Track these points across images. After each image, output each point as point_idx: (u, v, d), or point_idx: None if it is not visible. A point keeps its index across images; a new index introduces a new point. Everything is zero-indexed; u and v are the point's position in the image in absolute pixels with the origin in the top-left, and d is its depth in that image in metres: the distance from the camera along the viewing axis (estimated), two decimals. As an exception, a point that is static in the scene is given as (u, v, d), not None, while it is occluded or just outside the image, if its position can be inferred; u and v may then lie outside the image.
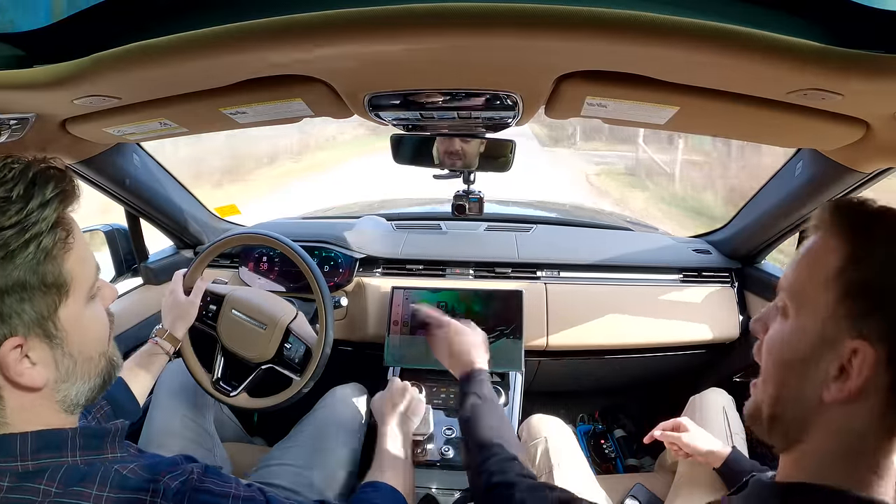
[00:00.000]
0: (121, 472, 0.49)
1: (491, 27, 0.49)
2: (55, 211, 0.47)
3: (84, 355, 0.51)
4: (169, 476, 0.50)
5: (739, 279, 1.38)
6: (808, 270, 0.45)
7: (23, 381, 0.46)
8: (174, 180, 1.35)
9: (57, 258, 0.47)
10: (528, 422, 1.16)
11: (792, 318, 0.46)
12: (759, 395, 0.48)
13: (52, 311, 0.47)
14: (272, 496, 0.57)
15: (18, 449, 0.47)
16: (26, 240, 0.44)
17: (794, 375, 0.45)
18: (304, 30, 0.49)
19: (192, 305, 1.07)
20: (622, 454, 1.58)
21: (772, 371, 0.47)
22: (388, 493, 0.79)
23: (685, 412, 1.15)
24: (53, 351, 0.48)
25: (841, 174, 0.89)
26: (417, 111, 0.85)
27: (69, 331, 0.49)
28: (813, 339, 0.43)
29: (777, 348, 0.46)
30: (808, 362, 0.43)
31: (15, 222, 0.44)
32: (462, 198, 1.24)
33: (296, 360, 1.10)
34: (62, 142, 0.86)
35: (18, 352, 0.46)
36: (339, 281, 1.35)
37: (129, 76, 0.58)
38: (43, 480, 0.47)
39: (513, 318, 1.24)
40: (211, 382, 1.11)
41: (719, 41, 0.47)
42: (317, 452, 1.05)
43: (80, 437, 0.50)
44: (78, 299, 0.49)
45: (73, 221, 0.50)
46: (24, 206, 0.45)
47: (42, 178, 0.47)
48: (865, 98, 0.57)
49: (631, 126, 0.80)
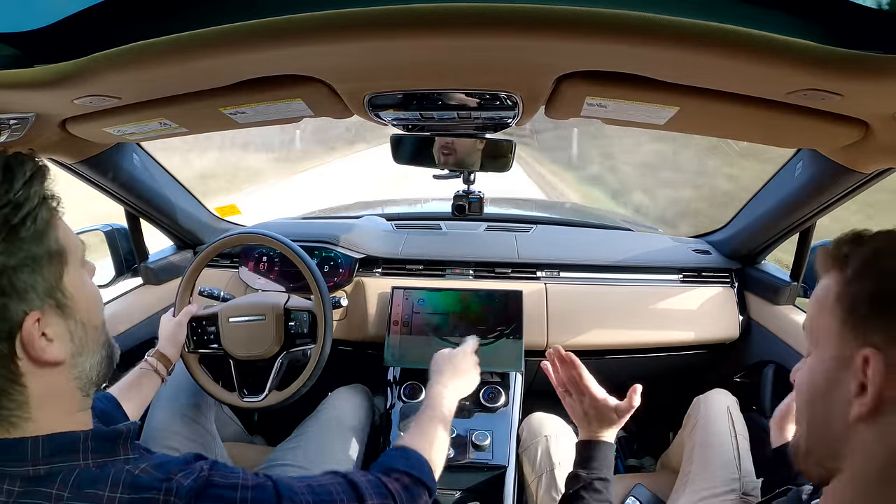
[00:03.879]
0: (132, 472, 0.49)
1: (491, 27, 0.49)
2: (40, 184, 0.49)
3: (91, 323, 0.53)
4: (181, 474, 0.51)
5: (739, 279, 1.38)
6: (816, 308, 0.48)
7: (46, 357, 0.48)
8: (174, 180, 1.35)
9: (53, 228, 0.49)
10: (529, 420, 1.16)
11: (813, 354, 0.47)
12: (796, 436, 0.49)
13: (59, 279, 0.49)
14: (279, 479, 0.57)
15: (30, 452, 0.47)
16: (24, 215, 0.46)
17: (820, 405, 0.45)
18: (304, 30, 0.49)
19: (179, 326, 1.09)
20: (623, 454, 1.58)
21: (802, 408, 0.48)
22: (417, 463, 0.71)
23: (689, 412, 1.15)
24: (66, 321, 0.50)
25: (841, 174, 0.89)
26: (417, 111, 0.85)
27: (75, 296, 0.51)
28: (830, 364, 0.44)
29: (804, 386, 0.48)
30: (830, 388, 0.44)
31: (7, 201, 0.46)
32: (462, 198, 1.24)
33: (304, 331, 1.12)
34: (62, 141, 0.86)
35: (38, 326, 0.47)
36: (339, 281, 1.35)
37: (129, 76, 0.58)
38: (55, 486, 0.47)
39: (513, 319, 1.24)
40: (239, 397, 1.12)
41: (719, 41, 0.47)
42: (320, 453, 1.05)
43: (92, 440, 0.50)
44: (76, 265, 0.52)
45: (55, 192, 0.52)
46: (9, 187, 0.47)
47: (14, 161, 0.49)
48: (865, 98, 0.57)
49: (631, 126, 0.80)
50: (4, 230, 0.45)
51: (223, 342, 1.12)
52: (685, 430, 1.14)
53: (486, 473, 1.07)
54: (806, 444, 0.47)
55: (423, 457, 0.72)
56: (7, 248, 0.45)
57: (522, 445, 1.12)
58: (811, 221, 1.11)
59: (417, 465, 0.70)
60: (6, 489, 0.46)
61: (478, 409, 1.17)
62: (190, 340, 1.12)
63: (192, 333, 1.13)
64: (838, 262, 0.47)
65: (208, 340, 1.13)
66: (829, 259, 0.48)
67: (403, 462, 0.70)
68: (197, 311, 1.13)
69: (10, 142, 0.72)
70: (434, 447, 0.76)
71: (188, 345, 1.12)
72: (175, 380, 1.15)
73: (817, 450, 0.46)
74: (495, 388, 1.19)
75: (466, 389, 0.96)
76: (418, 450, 0.73)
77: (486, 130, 1.02)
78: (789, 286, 1.23)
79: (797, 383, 0.49)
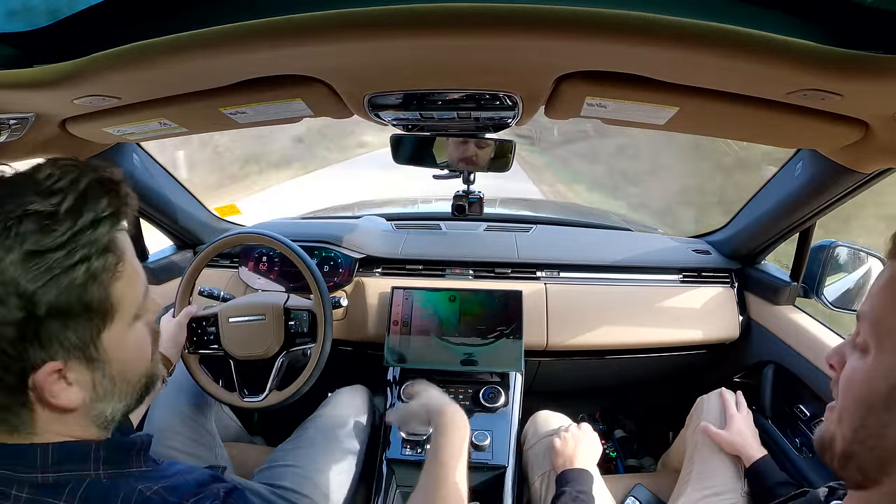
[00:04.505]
0: (144, 493, 0.47)
1: (491, 27, 0.49)
2: (107, 233, 0.43)
3: (123, 377, 0.49)
4: (193, 500, 0.48)
5: (739, 280, 1.38)
6: (890, 302, 0.42)
7: (58, 403, 0.44)
8: (174, 180, 1.35)
9: (104, 283, 0.43)
10: (535, 419, 1.16)
11: (873, 354, 0.42)
12: (833, 429, 0.45)
13: (95, 336, 0.45)
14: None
15: (39, 459, 0.45)
16: (73, 263, 0.41)
17: (875, 416, 0.41)
18: (304, 30, 0.49)
19: (179, 327, 1.08)
20: (623, 454, 1.58)
21: (850, 409, 0.43)
22: None
23: (692, 412, 1.15)
24: (93, 374, 0.46)
25: (841, 174, 0.89)
26: (417, 111, 0.85)
27: (111, 354, 0.46)
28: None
29: (857, 386, 0.43)
30: (891, 404, 0.40)
31: (62, 243, 0.40)
32: (462, 198, 1.24)
33: (304, 330, 1.12)
34: (62, 141, 0.86)
35: (56, 375, 0.43)
36: (339, 281, 1.35)
37: (129, 76, 0.58)
38: (62, 497, 0.44)
39: (512, 319, 1.24)
40: (239, 397, 1.12)
41: (719, 42, 0.47)
42: (321, 454, 1.05)
43: (104, 450, 0.48)
44: (123, 323, 0.47)
45: (126, 242, 0.47)
46: (72, 224, 0.41)
47: (94, 192, 0.42)
48: (865, 98, 0.57)
49: (631, 126, 0.80)
50: (45, 277, 0.40)
51: (223, 342, 1.12)
52: (688, 429, 1.14)
53: (486, 473, 1.06)
54: (847, 448, 0.43)
55: None
56: (40, 293, 0.40)
57: (528, 444, 1.12)
58: (811, 221, 1.11)
59: None
60: (14, 495, 0.44)
61: (478, 409, 1.17)
62: (190, 341, 1.13)
63: (191, 334, 1.12)
64: None
65: (208, 341, 1.13)
66: None
67: None
68: (196, 311, 1.13)
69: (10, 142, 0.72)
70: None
71: (188, 346, 1.12)
72: (175, 380, 1.15)
73: (862, 456, 0.42)
74: (495, 389, 1.19)
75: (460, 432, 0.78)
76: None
77: (486, 130, 1.02)
78: (789, 286, 1.23)
79: (847, 380, 0.44)
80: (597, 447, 1.02)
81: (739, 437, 1.00)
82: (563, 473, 0.94)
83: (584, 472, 0.94)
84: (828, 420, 0.46)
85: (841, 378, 0.45)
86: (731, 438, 1.00)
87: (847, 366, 0.45)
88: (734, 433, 1.01)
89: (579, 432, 1.03)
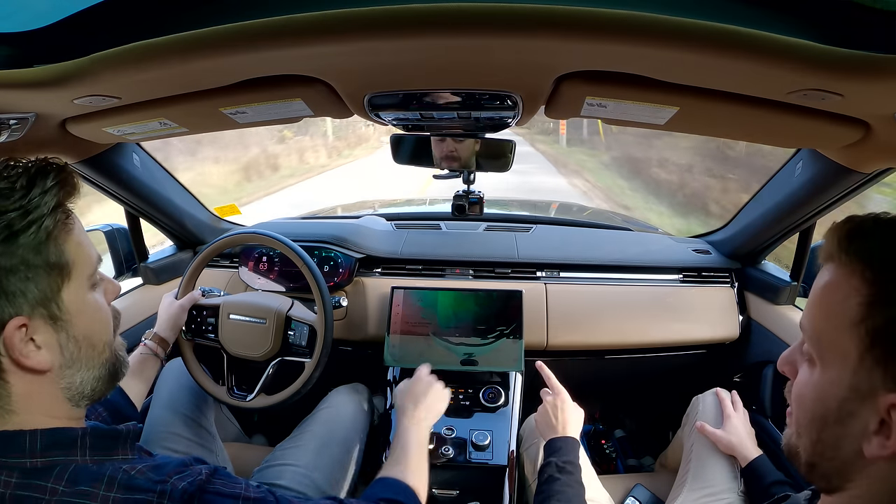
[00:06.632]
0: (129, 472, 0.50)
1: (491, 27, 0.49)
2: (55, 196, 0.49)
3: (88, 341, 0.53)
4: (176, 476, 0.51)
5: (739, 279, 1.38)
6: (826, 315, 0.41)
7: (28, 363, 0.48)
8: (174, 180, 1.35)
9: (58, 239, 0.49)
10: (531, 420, 1.16)
11: (819, 368, 0.42)
12: (794, 441, 0.45)
13: (56, 292, 0.49)
14: (282, 496, 0.57)
15: (28, 445, 0.48)
16: (29, 221, 0.47)
17: (829, 430, 0.41)
18: (304, 30, 0.49)
19: (182, 310, 1.10)
20: (622, 454, 1.58)
21: (804, 423, 0.43)
22: (401, 489, 0.76)
23: (688, 412, 1.15)
24: (58, 334, 0.50)
25: (841, 174, 0.89)
26: (417, 111, 0.85)
27: (73, 313, 0.51)
28: (845, 393, 0.39)
29: (808, 401, 0.43)
30: (842, 417, 0.40)
31: (18, 206, 0.47)
32: (462, 198, 1.24)
33: (302, 343, 1.12)
34: (62, 141, 0.86)
35: (23, 332, 0.48)
36: (339, 281, 1.35)
37: (129, 76, 0.58)
38: (51, 479, 0.47)
39: (513, 318, 1.24)
40: (226, 393, 1.13)
41: (719, 42, 0.47)
42: (320, 453, 1.05)
43: (90, 437, 0.51)
44: (80, 283, 0.52)
45: (73, 209, 0.52)
46: (26, 193, 0.48)
47: (42, 171, 0.50)
48: (865, 98, 0.57)
49: (631, 126, 0.80)
50: (5, 232, 0.46)
51: (219, 336, 1.12)
52: (684, 429, 1.14)
53: (486, 473, 1.07)
54: (809, 459, 0.43)
55: (406, 483, 0.77)
56: (4, 250, 0.46)
57: (524, 445, 1.12)
58: (811, 221, 1.11)
59: (403, 492, 0.75)
60: (4, 480, 0.47)
61: (478, 409, 1.17)
62: (188, 327, 1.13)
63: (190, 321, 1.13)
64: (863, 262, 0.39)
65: (206, 330, 1.14)
66: (849, 247, 0.40)
67: (390, 491, 0.74)
68: (200, 299, 1.15)
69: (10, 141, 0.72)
70: (414, 475, 0.79)
71: (185, 331, 1.13)
72: (176, 380, 1.16)
73: (823, 466, 0.42)
74: (495, 388, 1.19)
75: (436, 409, 0.98)
76: (399, 478, 0.77)
77: (486, 130, 1.02)
78: (789, 286, 1.23)
79: (799, 395, 0.44)
80: (578, 412, 1.00)
81: (735, 437, 1.00)
82: (549, 442, 0.93)
83: (569, 439, 0.93)
84: (789, 428, 0.47)
85: (793, 391, 0.45)
86: (727, 438, 1.00)
87: (799, 377, 0.45)
88: (730, 432, 1.01)
89: (559, 401, 1.00)
